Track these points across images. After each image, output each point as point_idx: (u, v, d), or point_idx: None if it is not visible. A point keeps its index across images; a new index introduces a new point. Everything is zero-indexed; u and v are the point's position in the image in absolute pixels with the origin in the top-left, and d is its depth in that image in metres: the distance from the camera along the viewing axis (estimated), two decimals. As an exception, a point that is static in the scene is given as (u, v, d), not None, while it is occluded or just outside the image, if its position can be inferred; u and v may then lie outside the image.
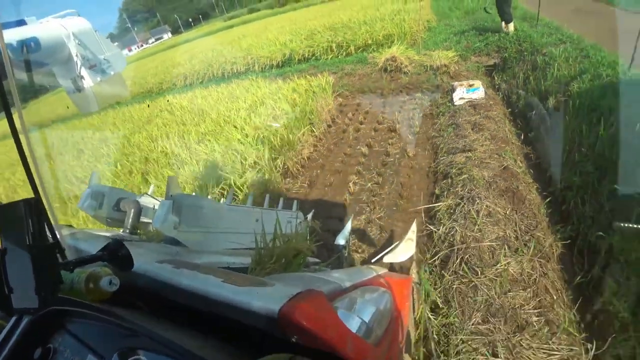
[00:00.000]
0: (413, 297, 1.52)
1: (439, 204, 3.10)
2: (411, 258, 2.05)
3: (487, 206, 2.77)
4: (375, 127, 5.24)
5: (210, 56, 11.29)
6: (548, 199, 2.93)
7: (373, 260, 1.89)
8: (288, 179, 4.30)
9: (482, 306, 2.07)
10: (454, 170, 3.40)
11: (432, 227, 2.92)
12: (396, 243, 1.88)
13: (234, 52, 10.68)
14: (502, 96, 5.21)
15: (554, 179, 3.15)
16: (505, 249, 2.37)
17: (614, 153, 2.65)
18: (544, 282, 2.17)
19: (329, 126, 5.64)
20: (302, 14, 17.03)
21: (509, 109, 4.75)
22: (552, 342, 1.80)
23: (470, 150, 3.59)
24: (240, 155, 3.95)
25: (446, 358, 1.91)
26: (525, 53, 5.42)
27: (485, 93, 4.86)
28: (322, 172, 4.47)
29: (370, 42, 8.10)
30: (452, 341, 1.94)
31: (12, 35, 1.75)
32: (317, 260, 1.80)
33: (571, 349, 1.77)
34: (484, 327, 1.96)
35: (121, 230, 1.67)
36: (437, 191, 3.40)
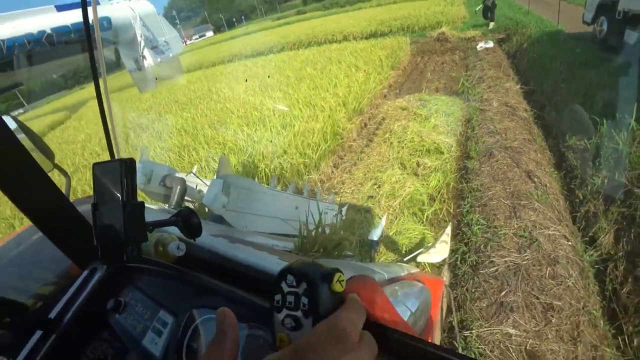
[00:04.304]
0: (442, 300, 1.48)
1: (469, 72, 7.85)
2: (444, 261, 2.14)
3: (488, 68, 7.48)
4: (435, 63, 10.06)
5: (307, 32, 16.37)
6: (515, 71, 7.66)
7: (405, 259, 1.89)
8: (396, 71, 9.17)
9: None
10: (475, 65, 8.14)
11: (465, 81, 7.66)
12: (431, 244, 1.88)
13: (327, 29, 15.75)
14: (504, 51, 9.92)
15: (518, 67, 7.88)
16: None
17: (544, 52, 7.30)
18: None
19: (409, 62, 10.53)
20: (362, 13, 22.11)
21: (505, 54, 9.48)
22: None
23: (483, 60, 8.32)
24: (376, 55, 8.88)
25: None
26: (519, 29, 10.09)
27: (494, 45, 9.59)
28: (410, 75, 9.30)
29: (427, 25, 13.00)
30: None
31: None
32: (350, 253, 1.84)
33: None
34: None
35: (166, 206, 1.71)
36: (468, 71, 8.12)
